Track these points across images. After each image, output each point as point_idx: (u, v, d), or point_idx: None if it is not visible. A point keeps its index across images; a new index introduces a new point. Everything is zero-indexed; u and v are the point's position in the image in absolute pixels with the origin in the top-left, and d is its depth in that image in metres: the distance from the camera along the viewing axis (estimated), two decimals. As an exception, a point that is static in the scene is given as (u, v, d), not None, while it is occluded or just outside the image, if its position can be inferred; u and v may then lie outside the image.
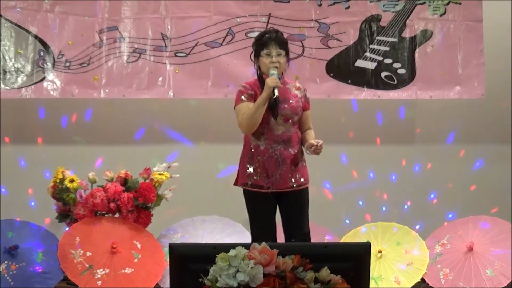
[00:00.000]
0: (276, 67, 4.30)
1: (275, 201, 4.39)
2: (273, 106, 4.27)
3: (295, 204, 4.38)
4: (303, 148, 4.42)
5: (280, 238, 4.48)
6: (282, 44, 4.36)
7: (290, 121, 4.34)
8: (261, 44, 4.35)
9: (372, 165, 5.96)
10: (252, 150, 4.35)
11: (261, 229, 4.36)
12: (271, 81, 4.23)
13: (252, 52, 4.44)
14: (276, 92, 4.22)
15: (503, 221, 5.21)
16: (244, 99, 4.33)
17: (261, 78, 4.38)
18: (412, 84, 5.69)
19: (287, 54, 4.39)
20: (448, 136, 5.98)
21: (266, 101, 4.24)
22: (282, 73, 4.37)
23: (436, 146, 5.99)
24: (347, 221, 5.80)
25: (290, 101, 4.35)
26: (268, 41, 4.34)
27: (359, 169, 5.95)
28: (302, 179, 4.37)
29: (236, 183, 4.44)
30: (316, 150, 4.27)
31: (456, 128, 5.97)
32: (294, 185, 4.35)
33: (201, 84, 5.57)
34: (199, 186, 5.73)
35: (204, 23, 5.58)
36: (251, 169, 4.35)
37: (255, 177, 4.33)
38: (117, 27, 5.55)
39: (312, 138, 4.40)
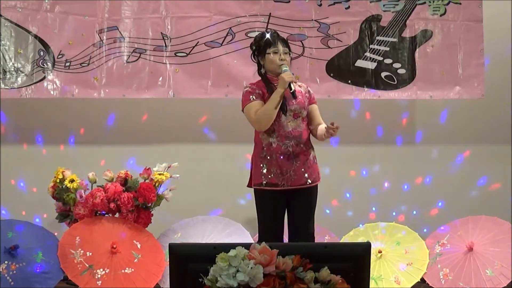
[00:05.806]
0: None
1: (286, 201, 4.39)
2: (283, 103, 4.31)
3: (304, 203, 4.39)
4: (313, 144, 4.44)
5: (284, 237, 4.49)
6: (286, 43, 4.45)
7: (300, 117, 4.38)
8: (267, 42, 4.39)
9: (372, 165, 5.96)
10: (264, 148, 4.37)
11: (270, 230, 4.36)
12: (287, 76, 4.29)
13: (252, 53, 4.46)
14: (293, 87, 4.29)
15: (503, 221, 5.21)
16: (253, 98, 4.36)
17: (265, 77, 4.41)
18: (412, 84, 5.68)
19: (290, 53, 4.47)
20: (447, 136, 5.97)
21: (283, 96, 4.28)
22: None
23: (436, 146, 5.99)
24: (348, 221, 5.79)
25: (298, 97, 4.39)
26: (274, 39, 4.40)
27: (359, 169, 5.95)
28: (314, 176, 4.40)
29: (249, 185, 4.45)
30: (330, 130, 4.20)
31: (455, 128, 5.96)
32: (308, 181, 4.36)
33: (201, 84, 5.57)
34: (199, 186, 5.73)
35: (204, 23, 5.58)
36: (265, 168, 4.36)
37: (269, 176, 4.34)
38: (117, 27, 5.55)
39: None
